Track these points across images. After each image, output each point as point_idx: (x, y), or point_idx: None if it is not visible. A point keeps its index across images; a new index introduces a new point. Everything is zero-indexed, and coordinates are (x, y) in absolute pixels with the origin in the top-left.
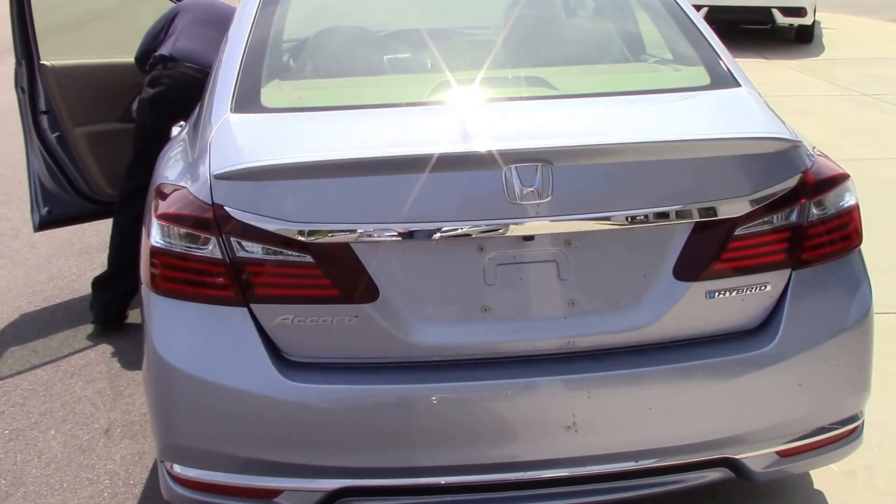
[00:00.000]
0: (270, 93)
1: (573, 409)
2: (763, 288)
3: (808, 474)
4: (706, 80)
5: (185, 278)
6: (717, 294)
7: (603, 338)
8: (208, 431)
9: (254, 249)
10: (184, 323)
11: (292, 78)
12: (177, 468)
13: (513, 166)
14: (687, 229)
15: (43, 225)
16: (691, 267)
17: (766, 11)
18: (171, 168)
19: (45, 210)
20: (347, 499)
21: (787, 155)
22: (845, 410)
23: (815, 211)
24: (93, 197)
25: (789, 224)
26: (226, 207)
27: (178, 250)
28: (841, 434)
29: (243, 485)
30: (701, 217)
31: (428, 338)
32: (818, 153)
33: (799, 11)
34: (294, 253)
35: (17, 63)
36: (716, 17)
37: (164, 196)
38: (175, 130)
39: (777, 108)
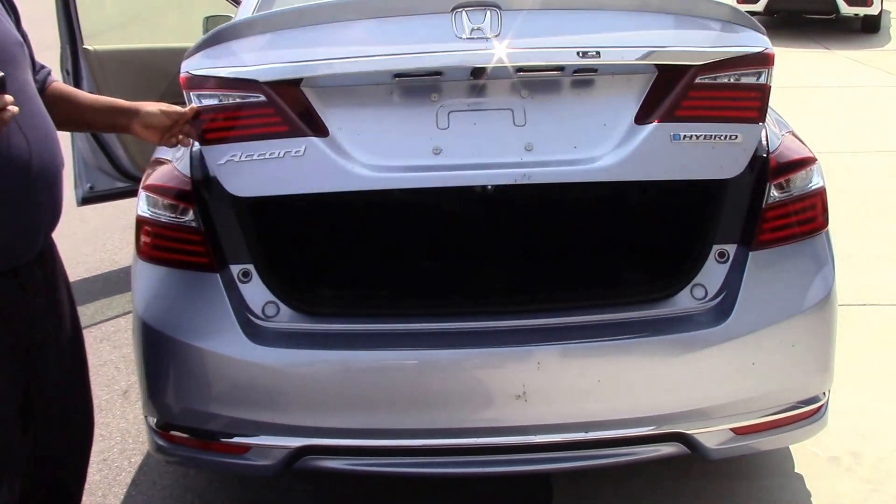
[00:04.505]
0: None
1: (523, 379)
2: (733, 138)
3: (790, 456)
4: None
5: (165, 245)
6: (682, 137)
7: (561, 172)
8: (182, 389)
9: (212, 98)
10: (162, 287)
11: None
12: (157, 422)
13: (462, 10)
14: (647, 81)
15: (86, 200)
16: (653, 114)
17: (831, 0)
18: None
19: (87, 186)
20: (310, 456)
21: (749, 31)
22: (804, 391)
23: (776, 193)
24: (135, 174)
25: (756, 84)
26: (190, 72)
27: (159, 219)
28: (799, 415)
29: (215, 440)
30: (659, 60)
31: (376, 171)
32: (789, 134)
33: (865, 0)
34: (248, 94)
35: (62, 47)
36: (778, 7)
37: (153, 169)
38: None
39: (830, 99)
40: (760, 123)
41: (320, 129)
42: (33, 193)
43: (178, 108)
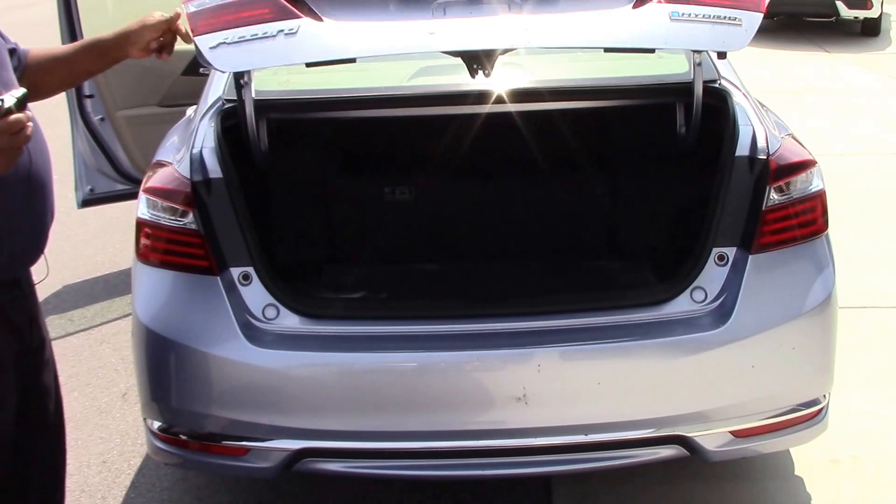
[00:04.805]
0: (262, 76)
1: (523, 381)
2: (733, 20)
3: (791, 459)
4: None
5: (166, 248)
6: (682, 14)
7: (563, 39)
8: (182, 392)
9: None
10: (163, 289)
11: None
12: (156, 424)
13: None
14: None
15: (86, 202)
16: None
17: (830, 3)
18: (168, 145)
19: (87, 188)
20: (309, 459)
21: None
22: (803, 394)
23: (775, 196)
24: (135, 177)
25: None
26: None
27: (160, 222)
28: (799, 417)
29: (214, 442)
30: None
31: (368, 42)
32: (788, 137)
33: (865, 3)
34: None
35: None
36: (778, 10)
37: (153, 171)
38: (189, 111)
39: (830, 102)
40: (761, 13)
41: (314, 16)
42: (35, 201)
43: (161, 15)
